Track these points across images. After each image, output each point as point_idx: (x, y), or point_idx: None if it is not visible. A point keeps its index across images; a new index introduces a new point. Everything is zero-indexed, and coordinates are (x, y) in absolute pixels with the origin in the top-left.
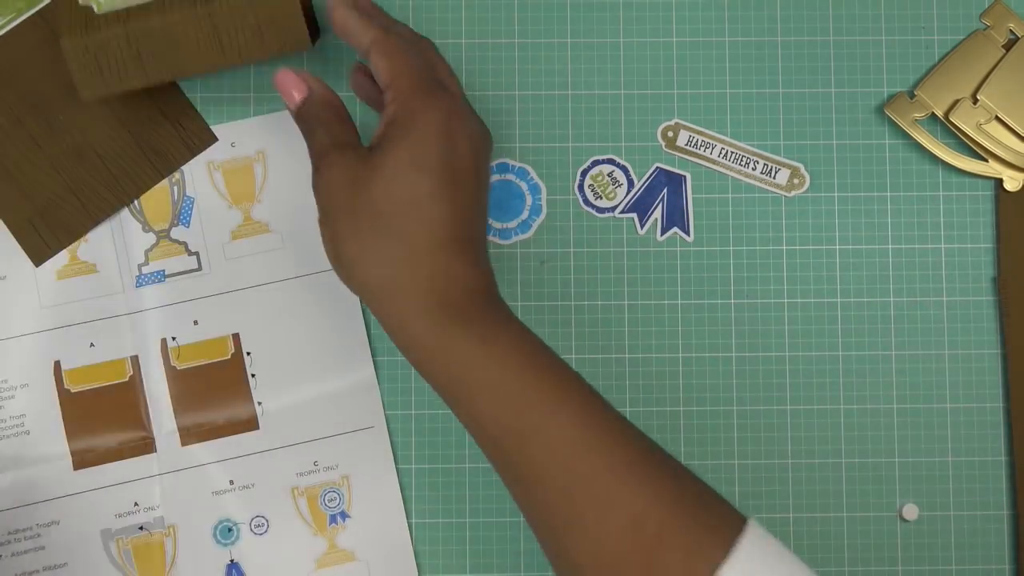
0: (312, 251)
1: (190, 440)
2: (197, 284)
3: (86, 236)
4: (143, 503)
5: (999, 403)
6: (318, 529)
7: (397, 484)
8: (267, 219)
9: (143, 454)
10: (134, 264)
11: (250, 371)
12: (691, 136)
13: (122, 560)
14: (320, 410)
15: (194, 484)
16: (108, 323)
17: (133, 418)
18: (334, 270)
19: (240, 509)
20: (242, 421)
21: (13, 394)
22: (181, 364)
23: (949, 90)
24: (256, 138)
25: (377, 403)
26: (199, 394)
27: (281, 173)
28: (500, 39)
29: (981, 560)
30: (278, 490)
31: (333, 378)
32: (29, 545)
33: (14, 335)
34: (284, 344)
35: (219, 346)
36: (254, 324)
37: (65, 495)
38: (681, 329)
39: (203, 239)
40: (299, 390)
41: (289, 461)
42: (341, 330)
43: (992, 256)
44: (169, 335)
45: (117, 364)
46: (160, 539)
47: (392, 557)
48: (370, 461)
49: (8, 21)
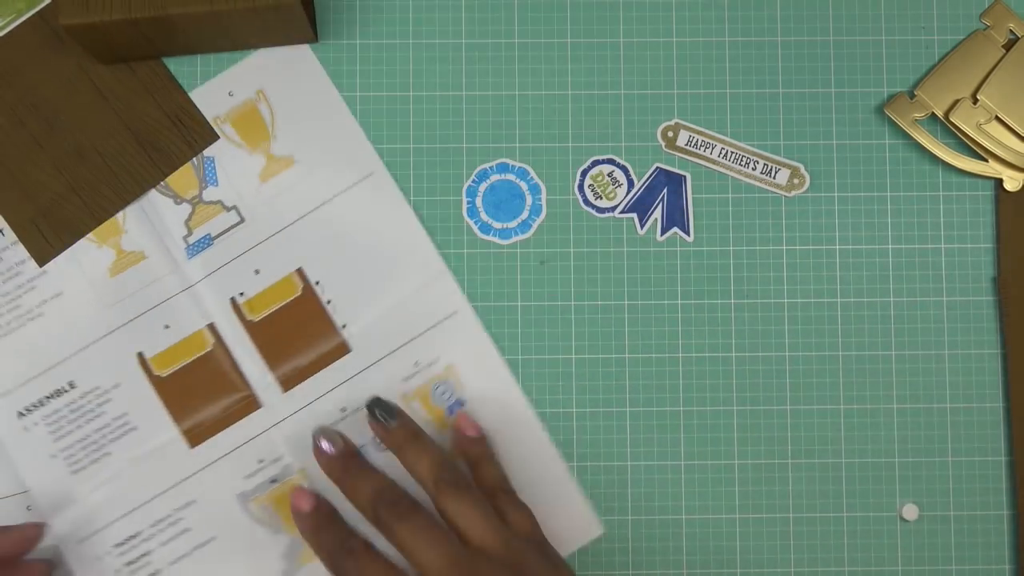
0: (341, 168)
1: (290, 384)
2: (245, 235)
3: (124, 228)
4: (267, 457)
5: (999, 403)
6: (440, 424)
7: (499, 356)
8: (289, 152)
9: (250, 412)
10: (178, 238)
11: (324, 299)
12: (691, 136)
13: (265, 516)
14: (402, 312)
15: (308, 423)
16: (173, 301)
17: (228, 382)
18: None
19: (360, 432)
20: (333, 349)
21: (109, 397)
22: (256, 316)
23: (949, 90)
24: (249, 80)
25: (453, 287)
26: (283, 337)
27: (286, 104)
28: (500, 39)
29: (981, 560)
30: (392, 401)
31: (404, 277)
32: (174, 531)
33: (90, 342)
34: (347, 262)
35: (286, 286)
36: (312, 254)
37: (191, 474)
38: (681, 329)
39: (235, 191)
40: (376, 300)
41: (390, 371)
42: (396, 228)
43: (992, 256)
44: (235, 292)
45: (195, 337)
46: (294, 485)
47: (517, 425)
48: (466, 344)
49: (8, 22)
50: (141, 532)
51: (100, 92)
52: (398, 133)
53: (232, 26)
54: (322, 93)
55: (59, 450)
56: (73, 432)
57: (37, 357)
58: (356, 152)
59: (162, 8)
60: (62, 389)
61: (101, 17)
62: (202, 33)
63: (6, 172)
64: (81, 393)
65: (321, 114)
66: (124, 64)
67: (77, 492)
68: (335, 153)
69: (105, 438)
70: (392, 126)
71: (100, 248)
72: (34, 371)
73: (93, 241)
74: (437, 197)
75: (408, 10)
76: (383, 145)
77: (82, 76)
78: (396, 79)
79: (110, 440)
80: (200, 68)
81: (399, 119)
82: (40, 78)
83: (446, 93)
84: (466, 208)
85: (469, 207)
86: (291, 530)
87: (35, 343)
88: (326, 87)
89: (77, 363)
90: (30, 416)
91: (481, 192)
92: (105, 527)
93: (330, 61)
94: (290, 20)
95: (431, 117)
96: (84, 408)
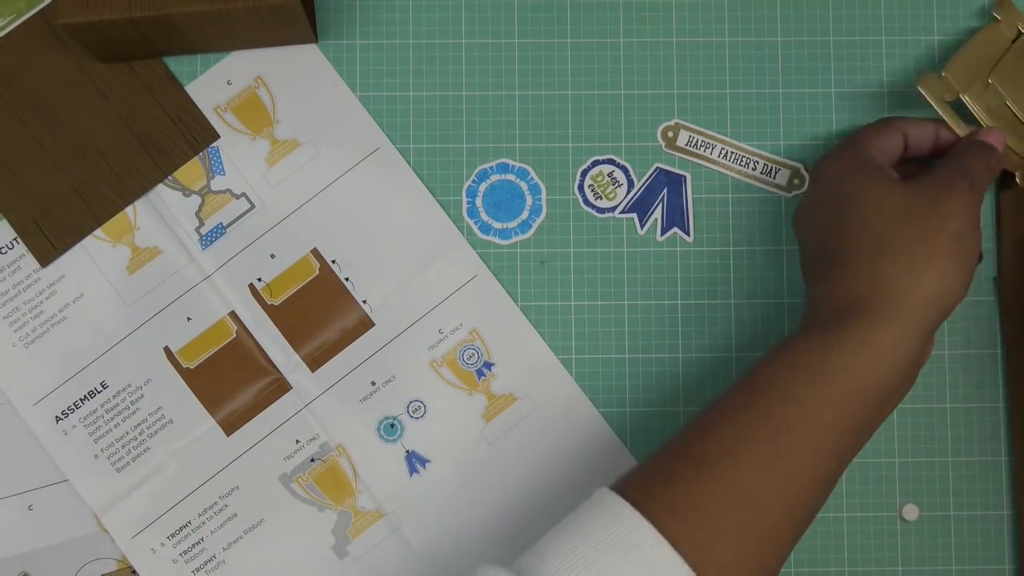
0: (346, 146)
1: (318, 363)
2: (257, 221)
3: (136, 225)
4: (303, 437)
5: (999, 403)
6: (470, 388)
7: (522, 315)
8: (292, 135)
9: (282, 395)
10: (191, 230)
11: (343, 277)
12: (691, 136)
13: (310, 495)
14: (421, 282)
15: (340, 399)
16: (193, 293)
17: (256, 367)
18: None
19: (392, 403)
20: (356, 324)
21: (141, 393)
22: (276, 299)
23: (973, 70)
24: (246, 67)
25: (470, 252)
26: (306, 318)
27: (285, 88)
28: (500, 39)
29: (981, 560)
30: (420, 370)
31: (419, 247)
32: (222, 518)
33: (116, 342)
34: (361, 238)
35: (304, 268)
36: (326, 233)
37: (231, 461)
38: (681, 329)
39: (243, 179)
40: (394, 273)
41: (415, 340)
42: (406, 201)
43: (992, 256)
44: (254, 278)
45: (219, 326)
46: (334, 461)
47: (548, 381)
48: (488, 306)
49: (9, 22)
50: (191, 522)
51: (101, 92)
52: (398, 133)
53: (232, 26)
54: (320, 75)
55: (100, 450)
56: (111, 431)
57: (66, 361)
58: (360, 129)
59: (162, 8)
60: (95, 390)
61: (101, 16)
62: (202, 33)
63: (8, 172)
64: (114, 392)
65: (321, 95)
66: (124, 63)
67: (123, 488)
68: (339, 132)
69: (143, 434)
70: (392, 126)
71: (115, 247)
72: (65, 375)
73: (107, 240)
74: (437, 197)
75: (408, 10)
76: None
77: (83, 76)
78: (396, 79)
79: (149, 435)
80: (200, 68)
81: (399, 119)
82: (41, 78)
83: (446, 93)
84: (466, 208)
85: (469, 207)
86: (336, 506)
87: (62, 347)
88: (324, 68)
89: (106, 363)
90: (67, 420)
91: (481, 192)
92: (156, 520)
93: (330, 61)
94: (290, 20)
95: (431, 117)
96: (119, 406)
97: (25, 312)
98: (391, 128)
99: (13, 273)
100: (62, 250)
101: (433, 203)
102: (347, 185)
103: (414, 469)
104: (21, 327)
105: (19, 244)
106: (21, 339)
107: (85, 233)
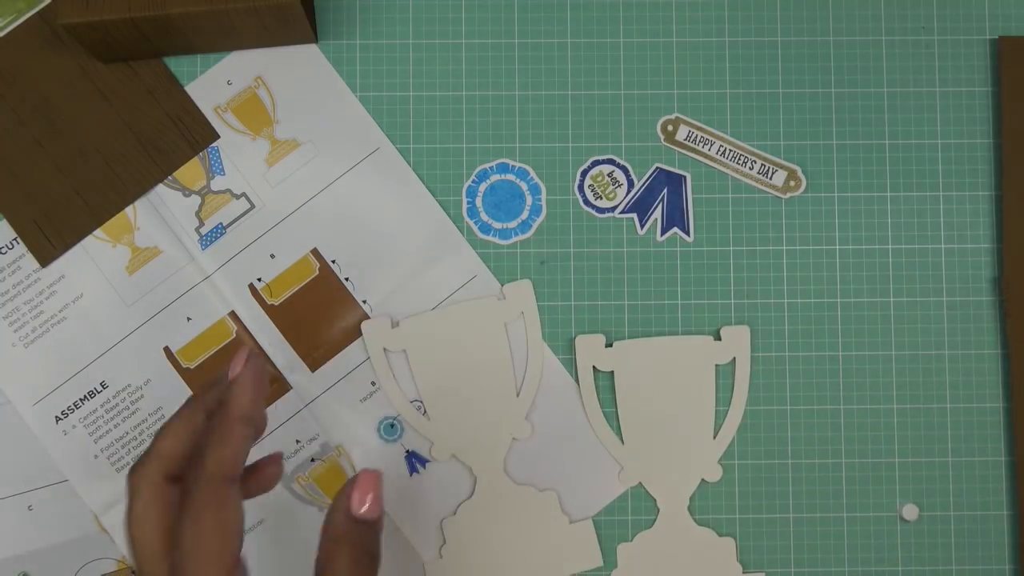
0: (346, 146)
1: (318, 363)
2: (257, 221)
3: (136, 225)
4: (303, 437)
5: (999, 403)
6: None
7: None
8: (292, 135)
9: (281, 396)
10: (191, 230)
11: (343, 277)
12: (690, 131)
13: (310, 494)
14: (421, 282)
15: (340, 400)
16: (193, 293)
17: None
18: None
19: (393, 404)
20: (356, 325)
21: (141, 394)
22: (276, 299)
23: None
24: (246, 67)
25: (470, 252)
26: (306, 318)
27: (285, 88)
28: (500, 39)
29: (981, 560)
30: None
31: (419, 247)
32: None
33: (116, 342)
34: (361, 238)
35: (303, 268)
36: (326, 233)
37: None
38: (681, 329)
39: (243, 178)
40: (394, 273)
41: None
42: (406, 200)
43: (992, 256)
44: (253, 278)
45: (218, 326)
46: (334, 461)
47: (551, 376)
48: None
49: (9, 22)
50: None
51: (101, 92)
52: (398, 133)
53: (232, 26)
54: (320, 75)
55: (100, 450)
56: (111, 431)
57: (66, 361)
58: (360, 129)
59: (162, 8)
60: (95, 390)
61: (101, 16)
62: (202, 33)
63: (8, 173)
64: (114, 392)
65: (321, 95)
66: (124, 63)
67: (123, 488)
68: (339, 132)
69: (143, 434)
70: (392, 126)
71: (115, 247)
72: (65, 375)
73: (107, 241)
74: (437, 197)
75: (408, 10)
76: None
77: (83, 76)
78: (396, 79)
79: (148, 436)
80: (200, 68)
81: (399, 119)
82: (41, 78)
83: (446, 93)
84: (466, 208)
85: (469, 207)
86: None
87: (62, 347)
88: (324, 68)
89: (107, 363)
90: (67, 420)
91: (481, 192)
92: None
93: (330, 61)
94: (290, 20)
95: (431, 117)
96: (119, 407)
97: (25, 312)
98: (391, 128)
99: (13, 273)
100: (62, 250)
101: (433, 203)
102: (347, 185)
103: (414, 469)
104: (21, 327)
105: (19, 244)
106: (21, 339)
107: (85, 233)
